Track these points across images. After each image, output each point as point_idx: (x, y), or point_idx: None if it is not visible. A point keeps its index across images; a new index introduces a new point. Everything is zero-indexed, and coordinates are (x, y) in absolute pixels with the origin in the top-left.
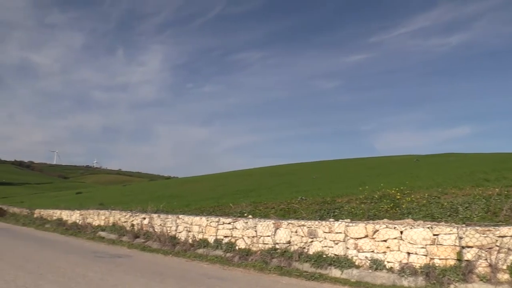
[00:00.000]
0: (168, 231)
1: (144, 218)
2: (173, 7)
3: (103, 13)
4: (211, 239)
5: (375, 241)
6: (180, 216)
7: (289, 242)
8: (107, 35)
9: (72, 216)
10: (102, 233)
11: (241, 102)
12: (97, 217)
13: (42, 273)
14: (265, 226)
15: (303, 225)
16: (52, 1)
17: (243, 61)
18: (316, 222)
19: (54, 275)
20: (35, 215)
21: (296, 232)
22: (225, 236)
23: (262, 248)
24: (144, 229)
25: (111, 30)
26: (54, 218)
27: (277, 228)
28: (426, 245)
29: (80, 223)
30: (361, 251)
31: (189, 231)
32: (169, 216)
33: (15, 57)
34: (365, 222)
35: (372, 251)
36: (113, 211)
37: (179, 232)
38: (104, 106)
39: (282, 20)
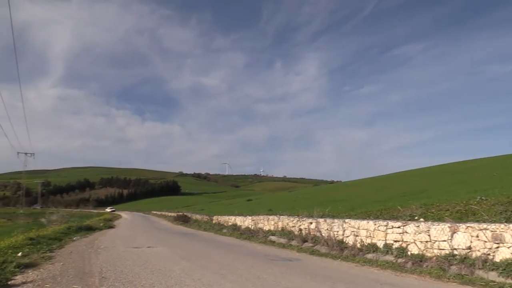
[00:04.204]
0: (335, 236)
1: (311, 223)
2: (325, 13)
3: (260, 30)
4: (380, 244)
5: None
6: (347, 220)
7: (469, 248)
8: (265, 51)
9: (244, 221)
10: (273, 238)
11: (403, 99)
12: (267, 223)
13: (223, 274)
14: (439, 230)
15: (486, 229)
16: (215, 28)
17: (402, 56)
18: (502, 225)
19: (234, 276)
20: (213, 221)
21: (477, 236)
22: (395, 241)
23: (438, 254)
24: (311, 233)
25: (268, 45)
26: (230, 223)
27: (453, 232)
28: None
29: (252, 228)
30: None
31: (357, 236)
32: (335, 220)
33: (189, 82)
34: None
35: None
36: (281, 216)
37: (346, 237)
38: (267, 117)
39: (443, 4)
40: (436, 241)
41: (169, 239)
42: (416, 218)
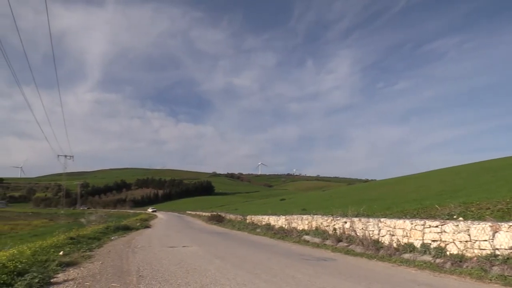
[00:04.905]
0: (371, 235)
1: (345, 222)
2: (356, 9)
3: (290, 30)
4: (417, 244)
5: None
6: (382, 219)
7: None
8: (296, 50)
9: (278, 221)
10: (307, 237)
11: (438, 94)
12: (301, 222)
13: (257, 273)
14: (480, 230)
15: None
16: (246, 28)
17: (437, 50)
18: None
19: (268, 275)
20: (247, 221)
21: None
22: (433, 240)
23: (478, 254)
24: (346, 233)
25: (299, 44)
26: (263, 223)
27: (495, 232)
28: None
29: (286, 227)
30: None
31: (393, 235)
32: (370, 219)
33: (221, 83)
34: None
35: None
36: (315, 215)
37: (382, 236)
38: (299, 116)
39: None
40: (476, 240)
41: (204, 238)
42: (455, 217)
